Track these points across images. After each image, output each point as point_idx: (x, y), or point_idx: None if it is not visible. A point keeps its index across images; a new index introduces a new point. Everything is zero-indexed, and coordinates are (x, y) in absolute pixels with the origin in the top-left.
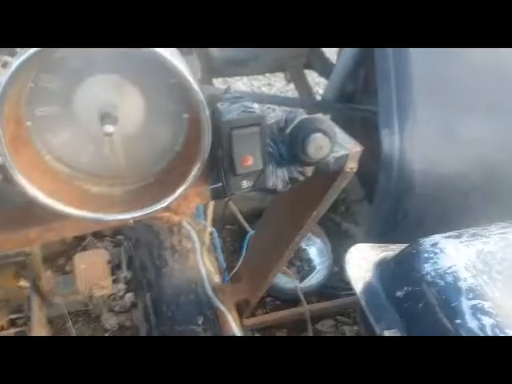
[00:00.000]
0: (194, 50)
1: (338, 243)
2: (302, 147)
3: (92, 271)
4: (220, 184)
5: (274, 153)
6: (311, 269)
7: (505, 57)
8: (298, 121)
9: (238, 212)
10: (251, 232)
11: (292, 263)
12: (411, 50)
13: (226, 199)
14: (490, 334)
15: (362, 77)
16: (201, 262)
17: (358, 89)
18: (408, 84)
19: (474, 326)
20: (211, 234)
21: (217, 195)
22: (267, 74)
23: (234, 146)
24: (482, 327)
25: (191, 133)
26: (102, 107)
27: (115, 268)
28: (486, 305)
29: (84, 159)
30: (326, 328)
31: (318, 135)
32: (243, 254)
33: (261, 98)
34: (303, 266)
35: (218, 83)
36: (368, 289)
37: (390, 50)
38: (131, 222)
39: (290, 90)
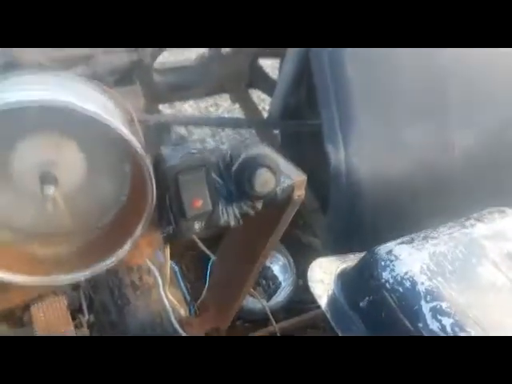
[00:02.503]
0: (136, 78)
1: (301, 256)
2: (249, 183)
3: (52, 320)
4: (171, 229)
5: (222, 190)
6: (277, 286)
7: (436, 58)
8: (243, 158)
9: (197, 239)
10: (213, 258)
11: (257, 282)
12: (347, 62)
13: None
14: (450, 333)
15: (305, 91)
16: (164, 296)
17: (302, 103)
18: (347, 97)
19: (434, 327)
20: (171, 266)
21: (169, 240)
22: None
23: (182, 191)
24: (443, 328)
25: (135, 183)
26: (40, 167)
27: (76, 312)
28: (444, 305)
29: (26, 220)
30: None
31: (263, 171)
32: (207, 283)
33: (208, 122)
34: (269, 284)
35: (165, 108)
36: (332, 302)
37: (326, 63)
38: (82, 279)
39: (237, 109)
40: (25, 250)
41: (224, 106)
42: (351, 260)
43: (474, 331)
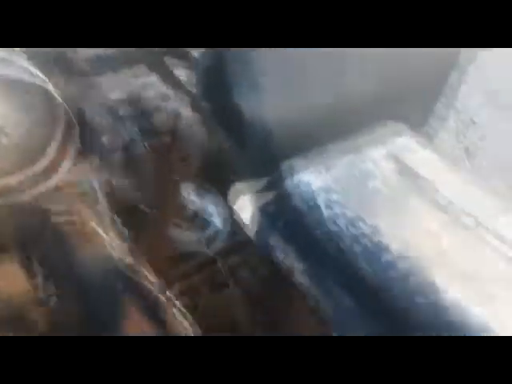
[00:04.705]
0: None
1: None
2: (148, 121)
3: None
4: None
5: (131, 128)
6: (214, 230)
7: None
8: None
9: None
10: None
11: (192, 227)
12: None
13: None
14: (339, 214)
15: None
16: (107, 240)
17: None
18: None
19: (327, 214)
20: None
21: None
22: None
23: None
24: (336, 216)
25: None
26: None
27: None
28: (335, 197)
29: None
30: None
31: (158, 112)
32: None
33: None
34: (205, 229)
35: None
36: (253, 222)
37: None
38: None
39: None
40: None
41: None
42: (265, 183)
43: (352, 212)
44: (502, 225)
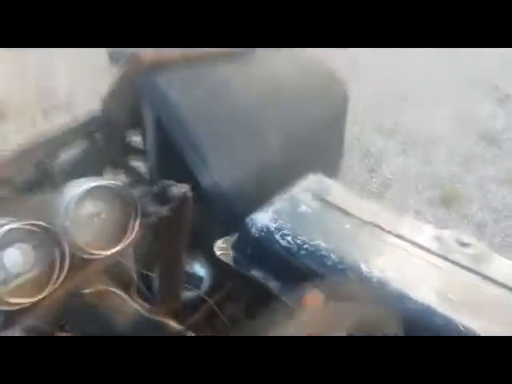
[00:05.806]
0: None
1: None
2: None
3: None
4: None
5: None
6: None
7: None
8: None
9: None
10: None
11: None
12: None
13: None
14: (292, 243)
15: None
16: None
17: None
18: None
19: (284, 243)
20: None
21: None
22: None
23: None
24: (288, 241)
25: None
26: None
27: None
28: (286, 231)
29: None
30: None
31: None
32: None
33: None
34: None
35: None
36: (233, 258)
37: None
38: None
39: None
40: None
41: None
42: (237, 235)
43: (301, 240)
44: (419, 237)
